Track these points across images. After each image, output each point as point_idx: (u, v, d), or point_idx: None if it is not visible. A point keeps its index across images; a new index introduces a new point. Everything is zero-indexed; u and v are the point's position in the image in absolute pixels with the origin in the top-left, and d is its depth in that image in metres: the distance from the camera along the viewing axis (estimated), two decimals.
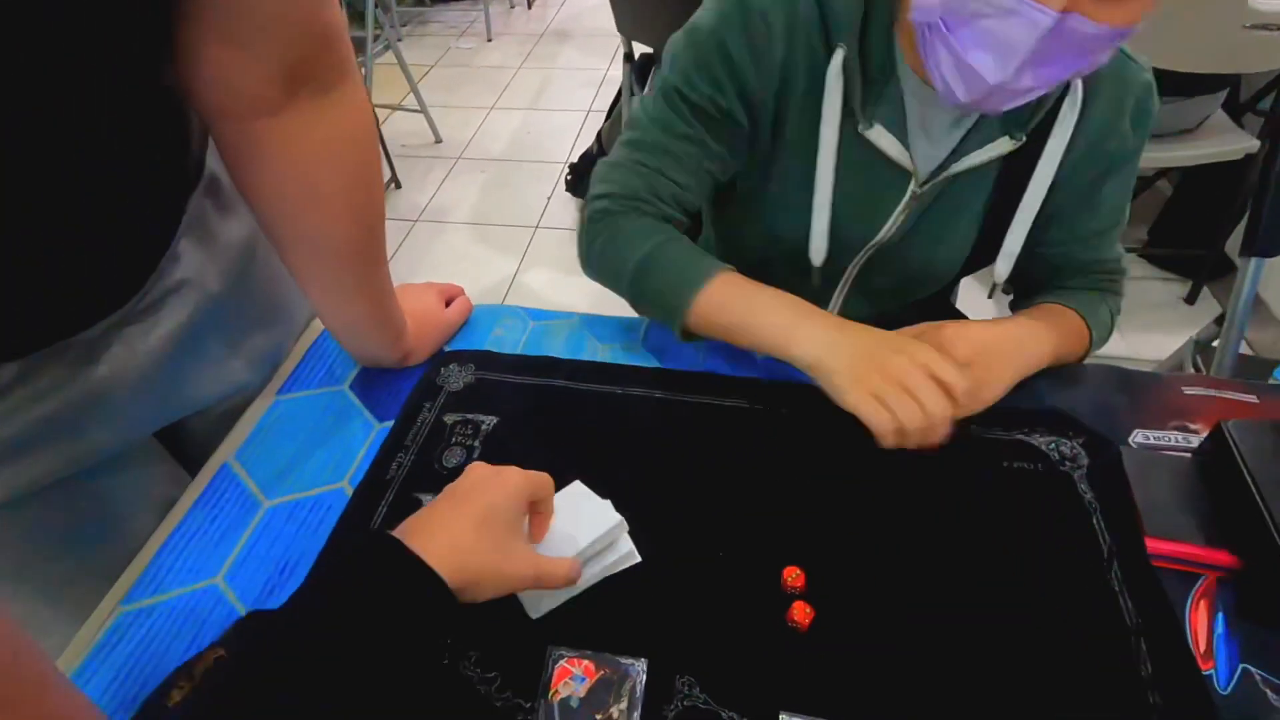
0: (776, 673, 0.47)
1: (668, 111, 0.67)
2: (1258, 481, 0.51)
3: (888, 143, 0.65)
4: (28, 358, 0.47)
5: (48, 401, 0.49)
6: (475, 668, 0.48)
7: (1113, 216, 0.71)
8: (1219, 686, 0.46)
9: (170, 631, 0.52)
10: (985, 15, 0.50)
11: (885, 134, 0.65)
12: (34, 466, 0.50)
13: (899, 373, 0.54)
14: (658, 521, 0.56)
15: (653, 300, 0.66)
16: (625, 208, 0.68)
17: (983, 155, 0.65)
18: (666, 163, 0.68)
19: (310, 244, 0.54)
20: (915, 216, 0.71)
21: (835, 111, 0.64)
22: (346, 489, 0.61)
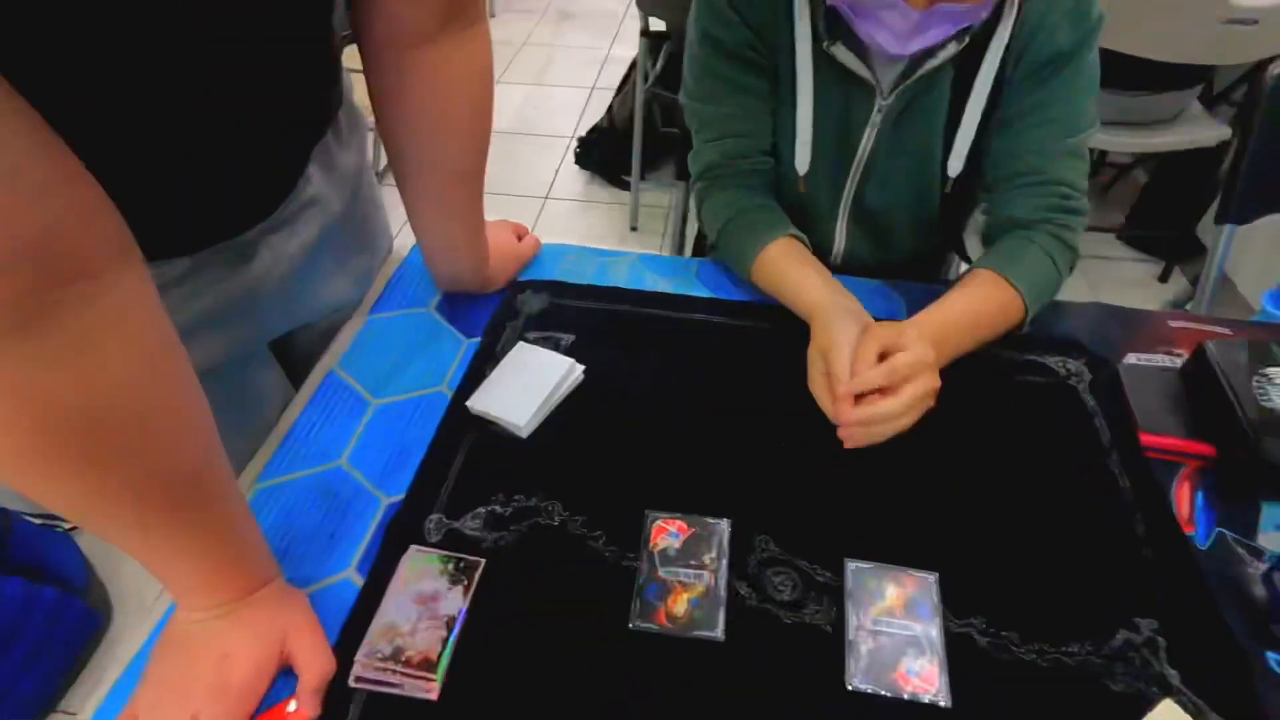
0: (839, 529, 0.56)
1: (706, 81, 0.76)
2: (1232, 384, 0.61)
3: (850, 60, 0.71)
4: (197, 254, 0.54)
5: (211, 294, 0.56)
6: (583, 528, 0.57)
7: (1064, 127, 0.71)
8: (1199, 544, 0.56)
9: (306, 503, 0.60)
10: (876, 6, 0.62)
11: (845, 51, 0.70)
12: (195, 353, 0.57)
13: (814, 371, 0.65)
14: (723, 417, 0.65)
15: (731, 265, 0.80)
16: (711, 182, 0.80)
17: (934, 61, 0.69)
18: (727, 127, 0.77)
19: (435, 166, 0.61)
20: (888, 130, 0.75)
21: (806, 32, 0.71)
22: (445, 391, 0.68)
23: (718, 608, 0.52)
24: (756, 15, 0.73)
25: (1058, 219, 0.72)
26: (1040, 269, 0.71)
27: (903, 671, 0.48)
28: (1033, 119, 0.72)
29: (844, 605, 0.52)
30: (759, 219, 0.77)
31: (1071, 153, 0.73)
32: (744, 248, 0.76)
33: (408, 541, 0.55)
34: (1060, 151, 0.73)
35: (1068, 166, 0.73)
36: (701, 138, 0.80)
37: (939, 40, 0.65)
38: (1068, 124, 0.72)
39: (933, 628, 0.50)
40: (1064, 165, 0.73)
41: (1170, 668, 0.49)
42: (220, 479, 0.45)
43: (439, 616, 0.51)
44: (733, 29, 0.73)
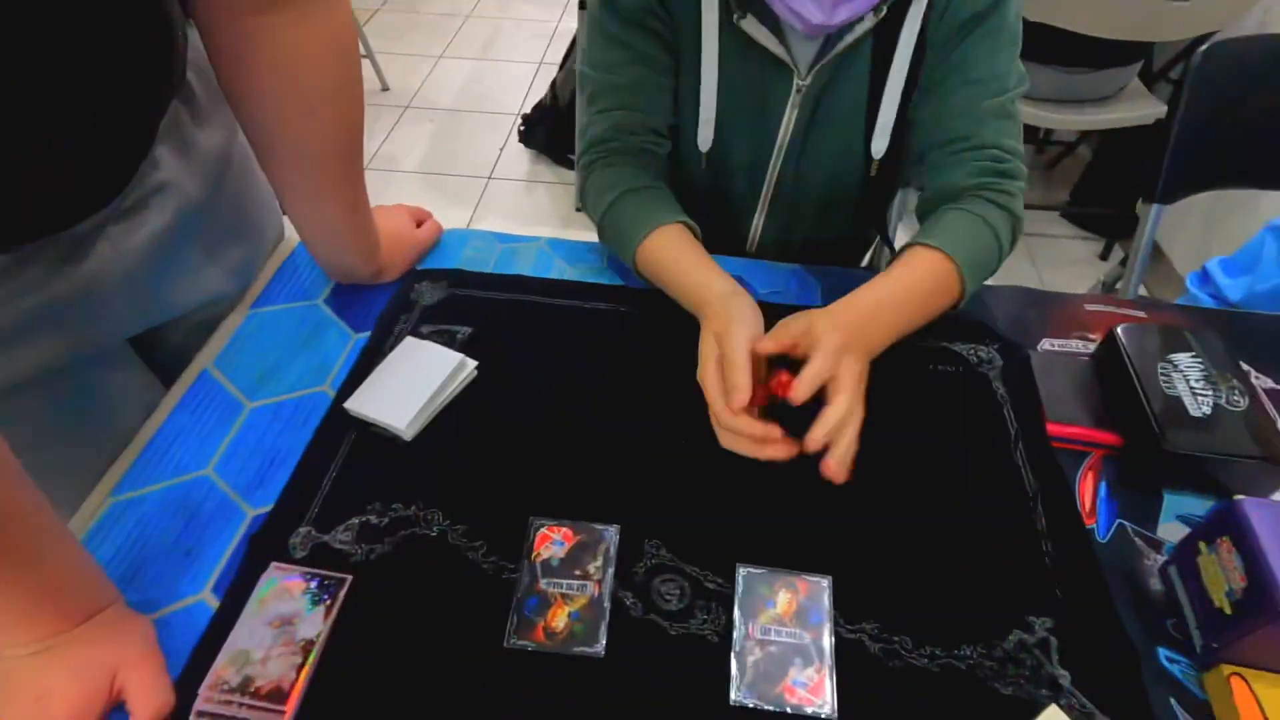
0: (731, 534, 0.53)
1: (600, 46, 0.71)
2: (1138, 372, 0.60)
3: (763, 35, 0.67)
4: (17, 250, 0.48)
5: (37, 294, 0.50)
6: (462, 538, 0.53)
7: (989, 87, 0.68)
8: (1099, 537, 0.55)
9: (163, 518, 0.55)
10: None
11: (758, 26, 0.66)
12: (22, 357, 0.52)
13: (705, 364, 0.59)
14: (624, 414, 0.61)
15: (614, 247, 0.74)
16: (597, 158, 0.74)
17: (852, 35, 0.66)
18: (619, 99, 0.72)
19: (295, 149, 0.56)
20: (808, 110, 0.72)
21: (713, 6, 0.67)
22: (328, 391, 0.64)
23: (600, 621, 0.49)
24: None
25: (993, 183, 0.69)
26: (978, 239, 0.67)
27: (789, 683, 0.46)
28: (956, 79, 0.69)
29: (733, 613, 0.49)
30: (647, 200, 0.72)
31: (1000, 114, 0.69)
32: (628, 231, 0.70)
33: (269, 558, 0.51)
34: (988, 112, 0.69)
35: (998, 129, 0.69)
36: (592, 109, 0.74)
37: (866, 7, 0.62)
38: (993, 83, 0.69)
39: (824, 635, 0.48)
40: (994, 127, 0.69)
41: (1061, 668, 0.47)
42: (24, 510, 0.41)
43: (296, 641, 0.47)
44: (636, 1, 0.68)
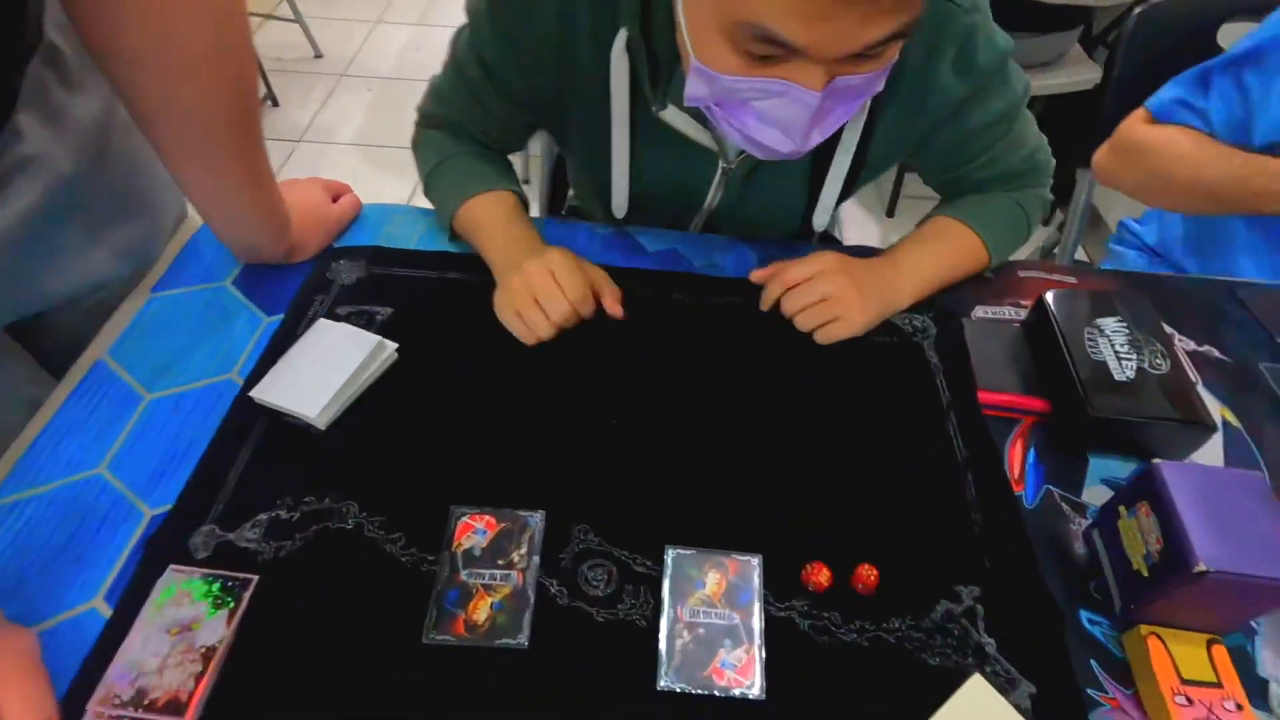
0: (658, 516, 0.52)
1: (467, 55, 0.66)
2: (1066, 338, 0.60)
3: (684, 123, 0.64)
4: None
5: None
6: (380, 530, 0.51)
7: (989, 137, 0.67)
8: (1027, 503, 0.55)
9: (49, 522, 0.51)
10: (757, 99, 0.50)
11: (680, 114, 0.63)
12: None
13: (530, 282, 0.61)
14: (550, 393, 0.59)
15: (436, 213, 0.72)
16: (429, 124, 0.74)
17: None
18: (465, 103, 0.69)
19: (176, 116, 0.51)
20: (737, 189, 0.71)
21: (623, 92, 0.62)
22: (236, 379, 0.60)
23: (524, 611, 0.47)
24: (534, 56, 0.61)
25: (1025, 183, 0.73)
26: (1006, 219, 0.71)
27: (717, 665, 0.45)
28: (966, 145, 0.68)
29: (661, 596, 0.48)
30: (472, 166, 0.70)
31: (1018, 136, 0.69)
32: (447, 196, 0.69)
33: (168, 561, 0.48)
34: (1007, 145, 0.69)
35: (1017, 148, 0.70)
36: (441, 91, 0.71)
37: (836, 127, 0.54)
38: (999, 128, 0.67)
39: (753, 614, 0.47)
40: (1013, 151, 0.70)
41: (987, 636, 0.47)
42: None
43: (195, 648, 0.44)
44: (503, 55, 0.63)
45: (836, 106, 0.51)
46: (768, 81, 0.48)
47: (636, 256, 0.73)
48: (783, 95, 0.48)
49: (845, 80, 0.48)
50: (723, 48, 0.47)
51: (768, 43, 0.45)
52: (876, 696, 0.45)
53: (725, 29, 0.46)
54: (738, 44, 0.46)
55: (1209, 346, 0.68)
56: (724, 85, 0.49)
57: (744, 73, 0.48)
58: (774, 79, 0.47)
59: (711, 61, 0.49)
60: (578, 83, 0.63)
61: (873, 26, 0.43)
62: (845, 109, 0.52)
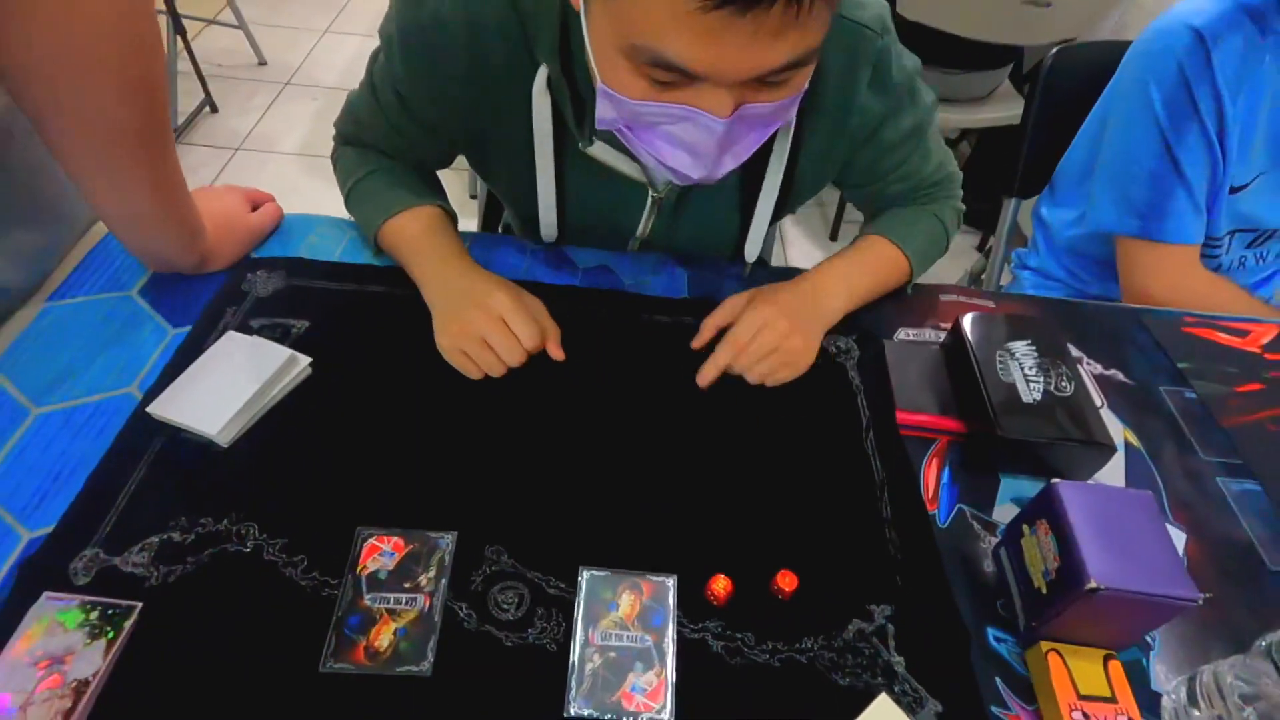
0: (574, 536, 0.51)
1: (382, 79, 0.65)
2: (979, 361, 0.62)
3: (613, 158, 0.64)
4: None
5: None
6: (281, 553, 0.48)
7: (911, 143, 0.70)
8: (940, 522, 0.56)
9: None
10: (665, 123, 0.50)
11: (609, 150, 0.64)
12: None
13: (479, 328, 0.60)
14: (464, 411, 0.58)
15: (359, 228, 0.71)
16: (347, 142, 0.73)
17: None
18: (380, 128, 0.69)
19: (77, 120, 0.49)
20: (667, 218, 0.71)
21: (546, 128, 0.62)
22: (135, 393, 0.57)
23: (429, 636, 0.45)
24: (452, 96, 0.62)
25: (939, 193, 0.77)
26: (924, 231, 0.74)
27: (627, 690, 0.44)
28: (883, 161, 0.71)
29: (573, 620, 0.47)
30: (396, 180, 0.69)
31: (924, 152, 0.73)
32: (371, 212, 0.67)
33: (43, 587, 0.45)
34: (919, 157, 0.73)
35: (928, 160, 0.74)
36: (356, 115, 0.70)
37: (749, 154, 0.54)
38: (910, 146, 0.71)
39: (666, 636, 0.47)
40: (925, 162, 0.74)
41: (896, 655, 0.48)
42: None
43: (65, 683, 0.41)
44: (415, 89, 0.63)
45: (748, 133, 0.52)
46: (672, 106, 0.48)
47: (566, 272, 0.73)
48: (689, 120, 0.48)
49: (754, 108, 0.48)
50: (626, 71, 0.47)
51: (666, 69, 0.45)
52: (787, 718, 0.45)
53: (625, 51, 0.46)
54: (639, 68, 0.46)
55: (1115, 370, 0.71)
56: (631, 109, 0.50)
57: (650, 97, 0.48)
58: (679, 104, 0.48)
59: (617, 85, 0.49)
60: (497, 119, 0.63)
61: (764, 49, 0.44)
62: (757, 135, 0.53)
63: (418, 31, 0.59)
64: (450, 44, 0.58)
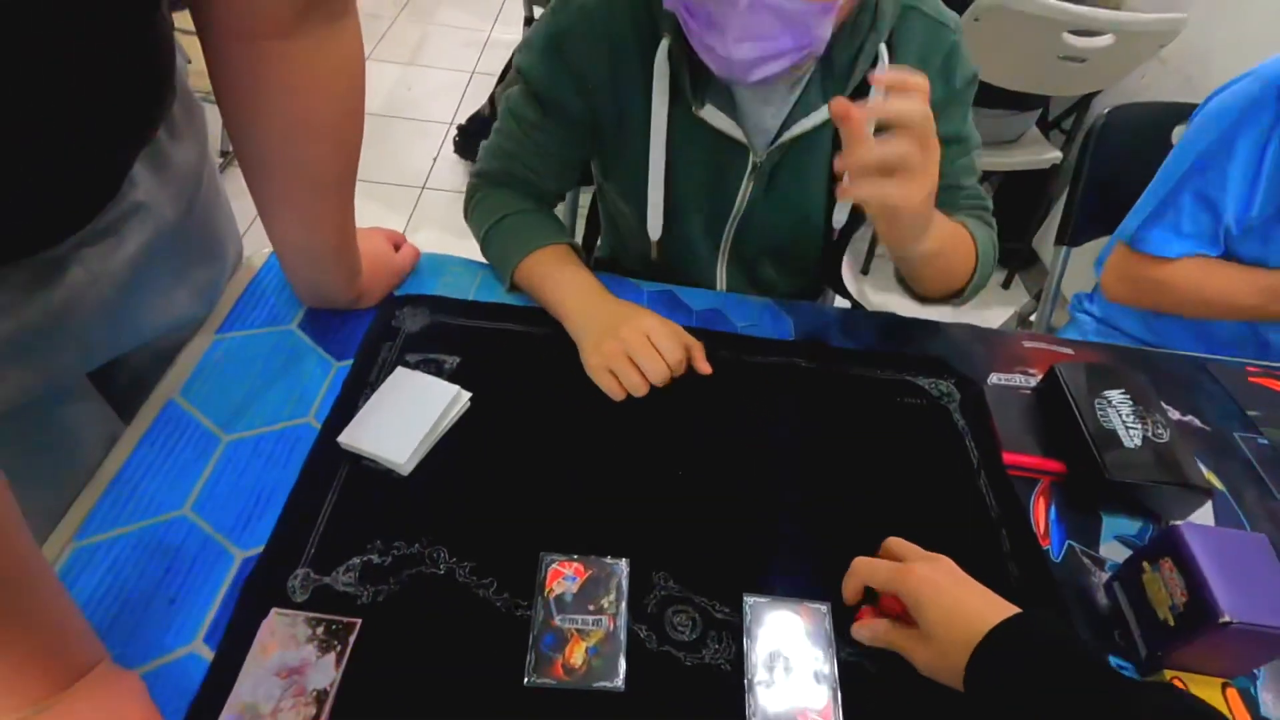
0: (736, 564, 0.56)
1: (520, 101, 0.75)
2: (1079, 407, 0.67)
3: (721, 120, 0.71)
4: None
5: (7, 321, 0.46)
6: (471, 575, 0.53)
7: (962, 148, 0.78)
8: (1054, 557, 0.61)
9: (138, 563, 0.51)
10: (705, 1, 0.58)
11: (717, 113, 0.71)
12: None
13: (627, 343, 0.65)
14: (619, 447, 0.63)
15: (494, 266, 0.78)
16: (488, 183, 0.80)
17: (809, 122, 0.71)
18: (522, 148, 0.77)
19: (295, 171, 0.54)
20: (764, 184, 0.77)
21: (664, 96, 0.70)
22: (313, 423, 0.61)
23: (617, 655, 0.50)
24: (593, 76, 0.71)
25: (980, 215, 0.82)
26: (983, 233, 0.80)
27: (800, 709, 0.49)
28: None
29: (743, 642, 0.52)
30: (532, 221, 0.77)
31: (971, 168, 0.80)
32: (509, 249, 0.74)
33: (268, 603, 0.49)
34: (963, 168, 0.79)
35: (970, 175, 0.81)
36: (495, 139, 0.79)
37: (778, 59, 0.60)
38: (963, 144, 0.78)
39: (827, 659, 0.51)
40: (968, 175, 0.80)
41: None
42: (17, 556, 0.37)
43: (307, 692, 0.45)
44: (561, 85, 0.72)
45: (774, 29, 0.57)
46: None
47: (681, 315, 0.78)
48: None
49: None
50: None
51: None
52: None
53: None
54: None
55: (1191, 416, 0.77)
56: None
57: None
58: None
59: None
60: (623, 94, 0.72)
61: None
62: (779, 39, 0.58)
63: (568, 27, 0.70)
64: (592, 31, 0.69)
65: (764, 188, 0.78)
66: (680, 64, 0.68)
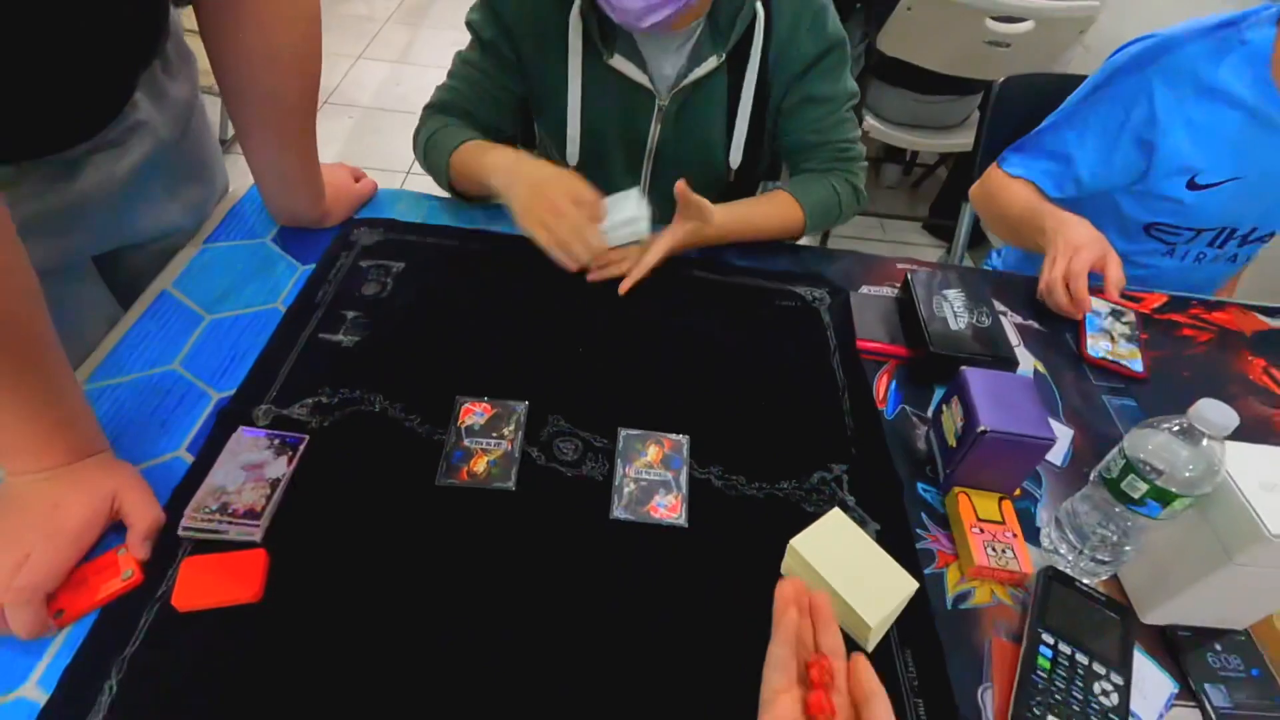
0: (615, 405, 0.69)
1: (467, 50, 0.90)
2: (919, 300, 0.81)
3: (628, 68, 0.85)
4: (19, 164, 0.58)
5: (35, 203, 0.60)
6: (401, 413, 0.66)
7: (829, 106, 0.91)
8: (888, 415, 0.75)
9: (136, 399, 0.65)
10: None
11: (625, 62, 0.85)
12: None
13: (554, 202, 0.76)
14: (527, 322, 0.76)
15: (432, 167, 0.89)
16: (434, 112, 0.93)
17: (701, 70, 0.85)
18: (465, 84, 0.91)
19: (266, 98, 0.68)
20: (671, 125, 0.91)
21: (578, 49, 0.84)
22: (280, 307, 0.75)
23: (512, 467, 0.63)
24: (516, 25, 0.85)
25: (840, 167, 0.95)
26: (822, 194, 0.93)
27: (654, 505, 0.62)
28: (805, 104, 0.91)
29: (614, 462, 0.65)
30: (466, 128, 0.89)
31: (839, 120, 0.94)
32: (443, 147, 0.86)
33: (237, 424, 0.63)
34: (832, 122, 0.93)
35: (841, 130, 0.94)
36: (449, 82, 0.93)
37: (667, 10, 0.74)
38: (832, 102, 0.92)
39: (681, 475, 0.65)
40: (838, 130, 0.94)
41: (850, 494, 0.66)
42: (44, 342, 0.51)
43: (265, 479, 0.59)
44: (490, 29, 0.86)
45: None
46: None
47: None
48: None
49: None
50: None
51: None
52: (768, 527, 0.62)
53: None
54: None
55: (1032, 320, 0.90)
56: None
57: None
58: None
59: None
60: (547, 44, 0.86)
61: None
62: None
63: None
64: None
65: (671, 128, 0.92)
66: (590, 19, 0.83)
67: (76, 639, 0.49)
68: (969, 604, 0.60)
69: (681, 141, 0.93)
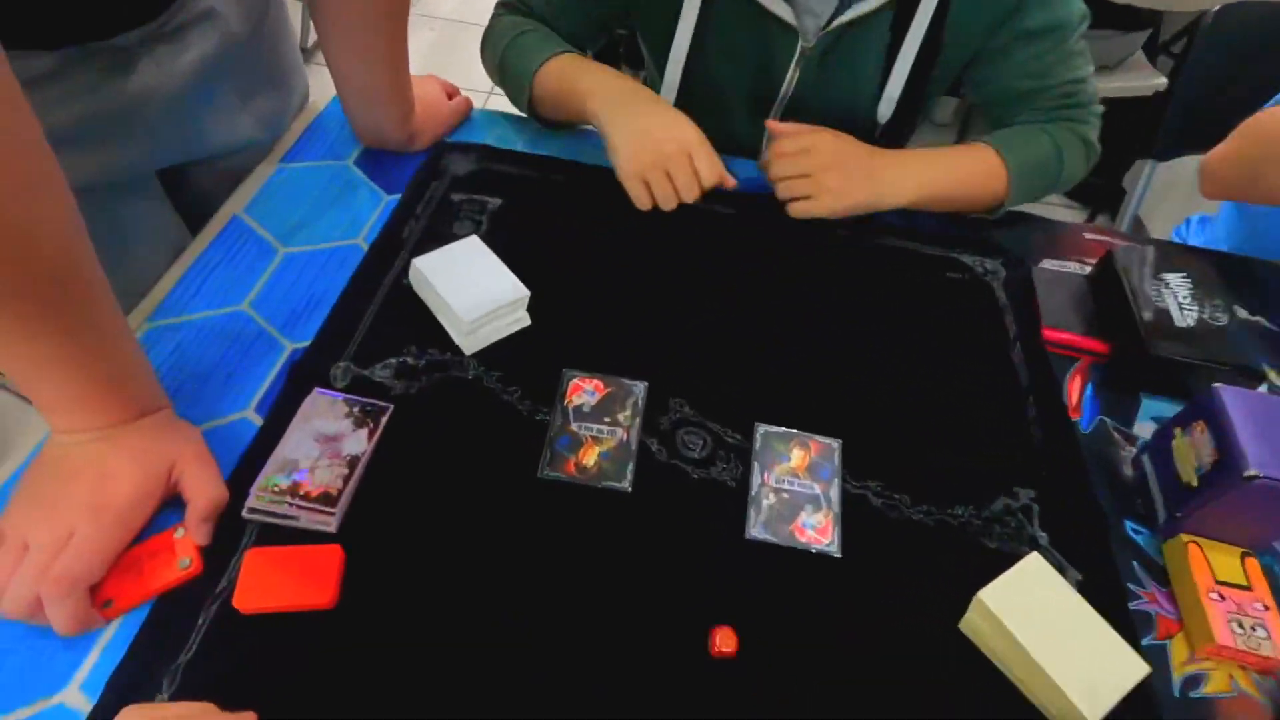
0: (752, 394, 0.57)
1: None
2: (1130, 285, 0.64)
3: (771, 2, 0.68)
4: (62, 52, 0.48)
5: (85, 101, 0.50)
6: (497, 383, 0.56)
7: (1051, 40, 0.70)
8: (1083, 428, 0.60)
9: (201, 344, 0.56)
10: None
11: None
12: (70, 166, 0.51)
13: (664, 159, 0.61)
14: (647, 285, 0.64)
15: (510, 79, 0.74)
16: (509, 11, 0.77)
17: (864, 7, 0.67)
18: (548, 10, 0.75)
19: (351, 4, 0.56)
20: (813, 72, 0.73)
21: None
22: (362, 245, 0.65)
23: (628, 461, 0.52)
24: None
25: (1066, 114, 0.73)
26: (1037, 148, 0.72)
27: (799, 524, 0.50)
28: (1015, 48, 0.70)
29: (750, 464, 0.53)
30: (552, 36, 0.73)
31: (1064, 55, 0.71)
32: (528, 58, 0.71)
33: (312, 385, 0.53)
34: (1054, 59, 0.71)
35: (1066, 68, 0.72)
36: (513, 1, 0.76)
37: None
38: (1056, 33, 0.70)
39: (832, 488, 0.52)
40: (1061, 69, 0.72)
41: (1041, 530, 0.52)
42: (92, 287, 0.42)
43: (342, 456, 0.49)
44: None
45: None
46: None
47: None
48: None
49: None
50: None
51: None
52: (938, 565, 0.50)
53: None
54: None
55: (1259, 318, 0.72)
56: None
57: None
58: None
59: None
60: None
61: None
62: None
63: None
64: None
65: (812, 76, 0.74)
66: None
67: (126, 633, 0.42)
68: (1201, 691, 0.47)
69: (822, 91, 0.75)
